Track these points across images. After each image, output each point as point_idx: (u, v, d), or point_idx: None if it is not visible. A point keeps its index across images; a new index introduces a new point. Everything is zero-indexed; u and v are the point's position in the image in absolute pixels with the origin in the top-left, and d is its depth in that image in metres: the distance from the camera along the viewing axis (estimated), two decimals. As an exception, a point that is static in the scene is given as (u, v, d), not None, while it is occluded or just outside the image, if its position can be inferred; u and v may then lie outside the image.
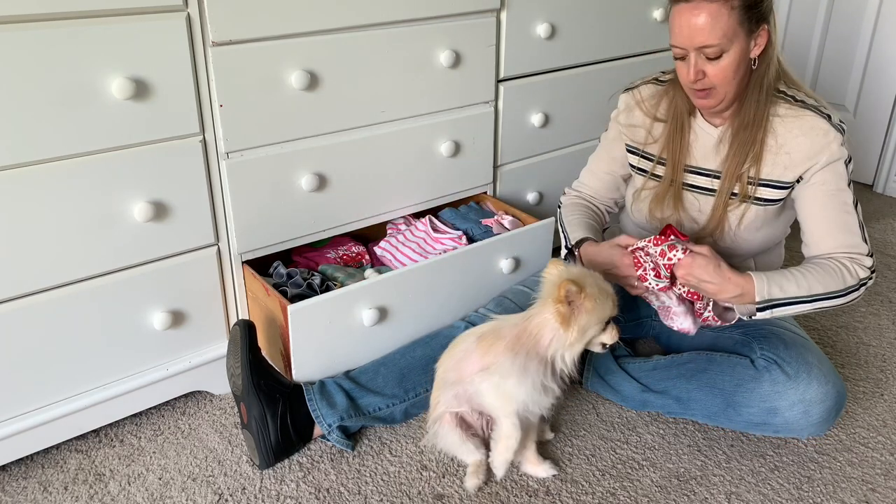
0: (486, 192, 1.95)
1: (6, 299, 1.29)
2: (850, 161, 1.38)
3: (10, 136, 1.20)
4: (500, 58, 1.82)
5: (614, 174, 1.65)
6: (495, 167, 1.95)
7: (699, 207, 1.51)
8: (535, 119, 1.95)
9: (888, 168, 2.76)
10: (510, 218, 1.84)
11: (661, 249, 1.37)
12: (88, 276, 1.37)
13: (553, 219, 1.78)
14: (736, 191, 1.44)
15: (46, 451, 1.48)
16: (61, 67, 1.21)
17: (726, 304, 1.42)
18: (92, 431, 1.52)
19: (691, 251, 1.36)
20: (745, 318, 1.41)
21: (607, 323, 1.30)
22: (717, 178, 1.46)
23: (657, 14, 2.11)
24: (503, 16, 1.78)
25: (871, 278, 1.38)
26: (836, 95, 2.83)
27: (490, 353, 1.30)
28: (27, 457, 1.46)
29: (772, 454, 1.49)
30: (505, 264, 1.71)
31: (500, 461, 1.34)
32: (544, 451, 1.48)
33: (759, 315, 1.35)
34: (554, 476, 1.42)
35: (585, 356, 1.60)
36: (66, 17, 1.20)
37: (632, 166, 1.60)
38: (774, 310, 1.34)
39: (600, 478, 1.43)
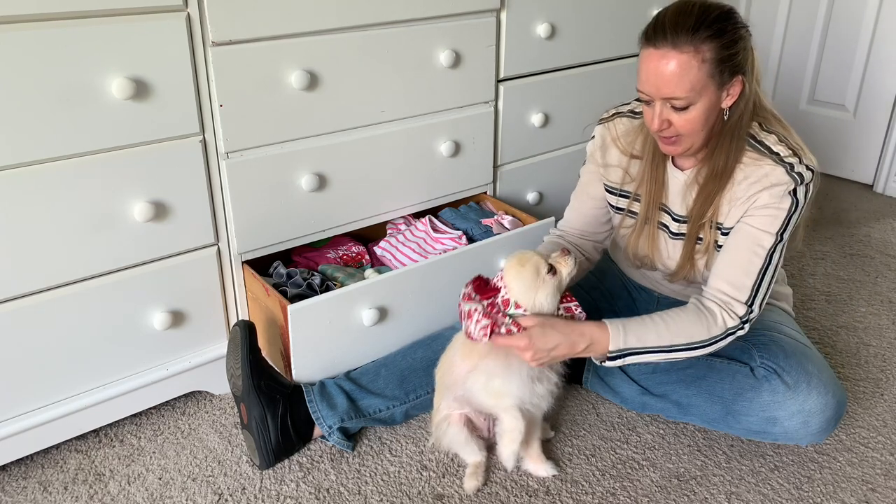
0: (485, 192, 1.95)
1: (6, 299, 1.29)
2: (794, 209, 1.30)
3: (10, 136, 1.20)
4: (500, 58, 1.82)
5: (597, 209, 1.59)
6: (495, 167, 1.95)
7: (668, 254, 1.49)
8: (535, 119, 1.95)
9: (888, 168, 2.76)
10: (510, 218, 1.84)
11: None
12: (88, 276, 1.37)
13: (553, 219, 1.78)
14: (701, 236, 1.41)
15: (46, 451, 1.48)
16: (61, 67, 1.21)
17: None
18: (92, 431, 1.52)
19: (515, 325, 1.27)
20: (596, 361, 1.37)
21: (551, 268, 1.28)
22: (684, 222, 1.43)
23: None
24: (503, 16, 1.78)
25: (741, 328, 1.34)
26: (836, 95, 2.83)
27: (473, 353, 1.31)
28: (27, 457, 1.46)
29: (772, 454, 1.49)
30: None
31: (507, 454, 1.34)
32: (545, 450, 1.48)
33: (609, 364, 1.33)
34: (554, 476, 1.42)
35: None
36: (66, 17, 1.20)
37: (611, 206, 1.56)
38: (626, 358, 1.32)
39: (600, 478, 1.43)
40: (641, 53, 1.27)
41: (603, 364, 1.35)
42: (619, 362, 1.33)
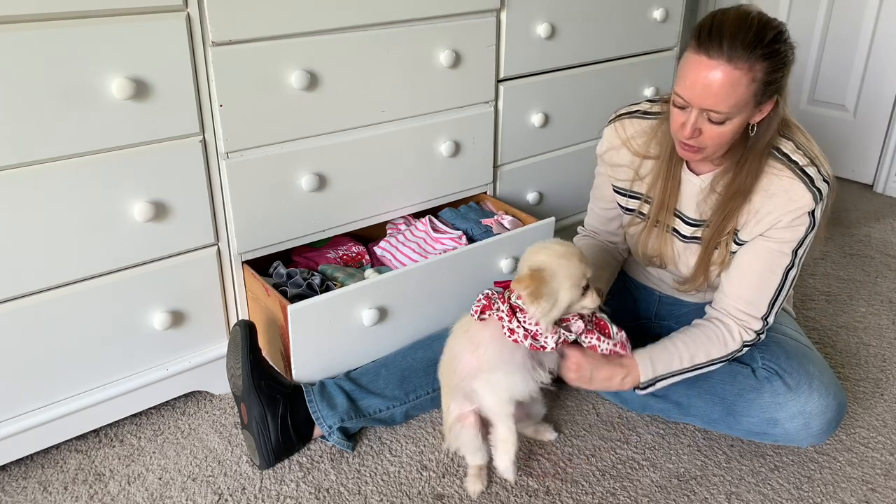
0: (486, 192, 1.95)
1: (6, 299, 1.29)
2: (812, 227, 1.32)
3: (10, 136, 1.20)
4: (500, 58, 1.82)
5: (610, 209, 1.60)
6: (495, 167, 1.95)
7: (679, 256, 1.49)
8: (535, 119, 1.95)
9: (888, 168, 2.76)
10: (510, 218, 1.84)
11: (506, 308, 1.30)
12: (88, 276, 1.37)
13: (553, 219, 1.77)
14: (718, 246, 1.41)
15: (46, 451, 1.48)
16: (61, 67, 1.21)
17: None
18: (92, 431, 1.52)
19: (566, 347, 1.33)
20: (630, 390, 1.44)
21: (586, 288, 1.28)
22: (697, 226, 1.43)
23: (657, 14, 2.11)
24: (503, 16, 1.78)
25: (756, 340, 1.40)
26: (836, 95, 2.83)
27: (480, 347, 1.31)
28: (27, 457, 1.46)
29: (772, 454, 1.49)
30: (505, 264, 1.71)
31: (503, 465, 1.33)
32: (545, 450, 1.48)
33: (641, 392, 1.40)
34: (554, 476, 1.42)
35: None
36: (66, 17, 1.20)
37: (620, 206, 1.56)
38: (655, 385, 1.39)
39: (600, 478, 1.43)
40: (690, 57, 1.21)
41: (636, 391, 1.41)
42: (649, 389, 1.39)
